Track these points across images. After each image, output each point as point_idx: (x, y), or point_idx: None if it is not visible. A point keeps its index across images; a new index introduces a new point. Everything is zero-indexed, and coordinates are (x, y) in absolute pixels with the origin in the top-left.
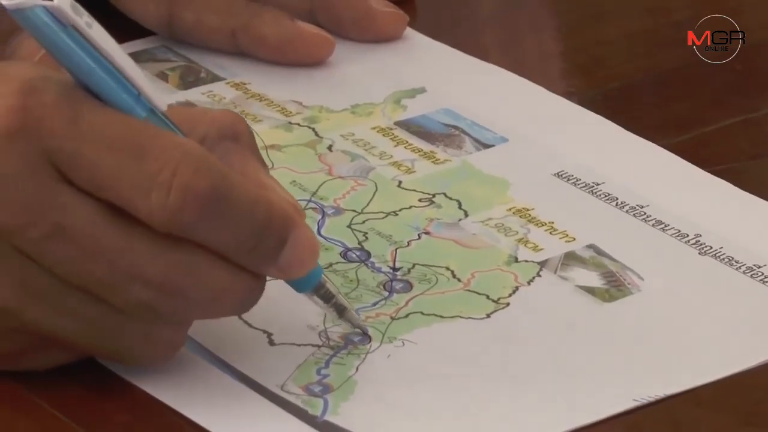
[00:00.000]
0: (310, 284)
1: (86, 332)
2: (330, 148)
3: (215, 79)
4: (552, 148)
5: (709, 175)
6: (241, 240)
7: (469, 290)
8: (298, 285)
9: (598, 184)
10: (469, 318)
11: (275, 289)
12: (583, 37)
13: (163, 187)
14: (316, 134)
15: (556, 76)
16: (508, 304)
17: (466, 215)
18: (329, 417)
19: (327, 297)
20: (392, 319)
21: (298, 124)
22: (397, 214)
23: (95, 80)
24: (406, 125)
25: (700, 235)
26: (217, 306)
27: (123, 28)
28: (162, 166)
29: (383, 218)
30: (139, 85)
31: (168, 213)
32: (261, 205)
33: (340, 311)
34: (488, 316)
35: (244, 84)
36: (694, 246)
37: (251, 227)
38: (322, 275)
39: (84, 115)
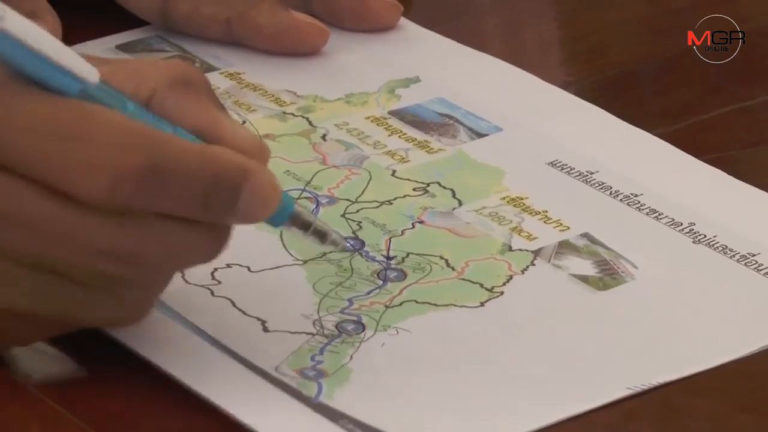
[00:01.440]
0: (283, 218)
1: (56, 308)
2: (324, 137)
3: (209, 68)
4: (546, 138)
5: (703, 163)
6: (189, 202)
7: (463, 279)
8: (272, 221)
9: (592, 173)
10: (463, 306)
11: (270, 279)
12: (581, 25)
13: (92, 169)
14: (310, 124)
15: (554, 64)
16: (502, 293)
17: (460, 204)
18: (323, 400)
19: (305, 226)
20: (386, 307)
21: (293, 114)
22: (391, 203)
23: (23, 66)
24: (400, 114)
25: (695, 224)
26: (179, 262)
27: (117, 18)
28: (88, 149)
29: (377, 207)
30: (67, 64)
31: (103, 194)
32: (206, 166)
33: (321, 236)
34: (482, 304)
35: (239, 74)
36: (688, 234)
37: (197, 189)
38: (295, 206)
39: (14, 102)
